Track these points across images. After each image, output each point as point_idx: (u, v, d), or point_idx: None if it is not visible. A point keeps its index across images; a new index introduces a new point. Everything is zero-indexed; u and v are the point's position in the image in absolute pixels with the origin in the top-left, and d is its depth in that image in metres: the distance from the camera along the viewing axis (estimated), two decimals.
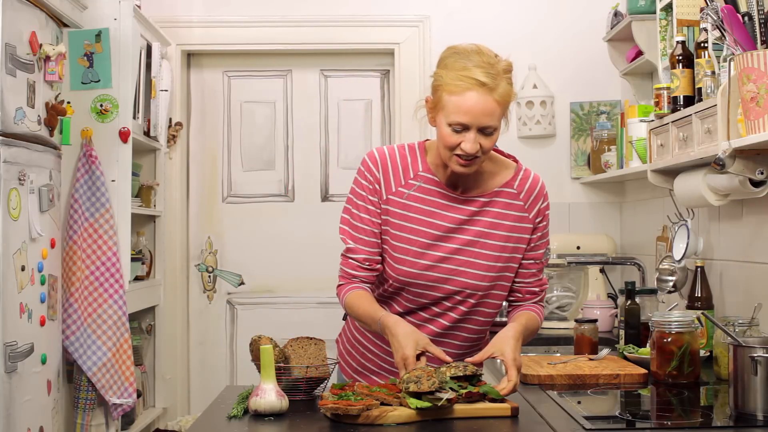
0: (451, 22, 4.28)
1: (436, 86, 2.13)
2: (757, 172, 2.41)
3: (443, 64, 2.13)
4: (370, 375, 2.34)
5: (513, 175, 2.28)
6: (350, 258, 2.23)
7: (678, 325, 2.40)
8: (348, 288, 2.22)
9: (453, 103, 2.07)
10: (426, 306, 2.25)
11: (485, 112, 2.07)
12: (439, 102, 2.10)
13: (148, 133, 3.83)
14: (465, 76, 2.06)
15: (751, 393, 1.95)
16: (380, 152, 2.26)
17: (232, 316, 4.42)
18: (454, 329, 2.27)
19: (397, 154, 2.25)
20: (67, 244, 3.27)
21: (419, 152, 2.26)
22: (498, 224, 2.22)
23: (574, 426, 1.90)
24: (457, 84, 2.06)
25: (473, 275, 2.20)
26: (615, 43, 3.77)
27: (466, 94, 2.06)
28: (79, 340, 3.24)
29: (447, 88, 2.08)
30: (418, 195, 2.22)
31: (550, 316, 3.97)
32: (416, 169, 2.24)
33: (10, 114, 2.70)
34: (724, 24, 2.33)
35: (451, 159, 2.13)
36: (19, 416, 2.70)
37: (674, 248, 2.95)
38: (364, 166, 2.26)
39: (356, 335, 2.37)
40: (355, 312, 2.19)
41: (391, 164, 2.24)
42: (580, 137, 4.26)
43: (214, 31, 4.29)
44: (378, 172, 2.24)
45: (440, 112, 2.10)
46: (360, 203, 2.25)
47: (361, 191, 2.25)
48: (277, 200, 4.43)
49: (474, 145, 2.08)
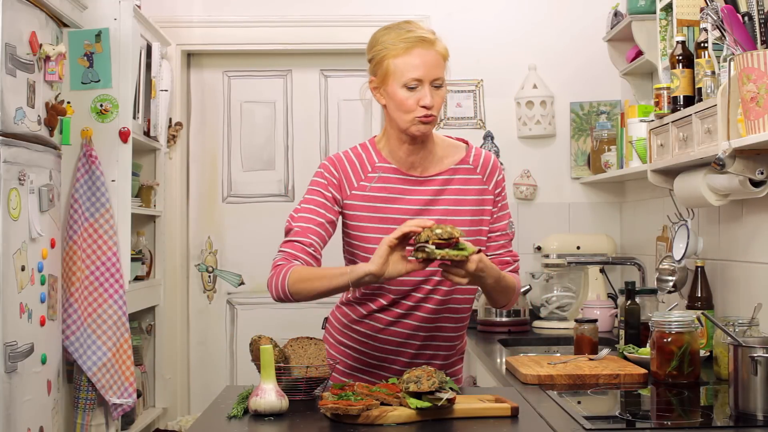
0: (451, 22, 4.28)
1: (379, 60, 2.23)
2: (757, 172, 2.41)
3: (379, 40, 2.24)
4: (360, 375, 2.35)
5: (466, 152, 2.36)
6: (295, 241, 2.21)
7: (678, 325, 2.40)
8: (290, 265, 2.17)
9: (403, 62, 2.19)
10: (402, 297, 2.27)
11: (434, 64, 2.19)
12: (387, 71, 2.21)
13: (148, 133, 3.83)
14: (407, 38, 2.20)
15: (751, 393, 1.95)
16: (336, 156, 2.33)
17: (232, 316, 4.42)
18: (431, 321, 2.30)
19: (351, 154, 2.33)
20: (67, 244, 3.27)
21: (371, 147, 2.34)
22: (462, 200, 2.29)
23: (574, 426, 1.90)
24: (401, 46, 2.19)
25: None
26: (615, 43, 3.77)
27: (413, 50, 2.19)
28: (79, 340, 3.25)
29: (392, 52, 2.20)
30: (380, 185, 2.28)
31: (550, 316, 3.97)
32: (372, 162, 2.31)
33: (10, 114, 2.70)
34: (724, 24, 2.33)
35: (411, 123, 2.21)
36: (19, 416, 2.70)
37: (674, 248, 2.95)
38: (322, 168, 2.31)
39: (339, 338, 2.39)
40: (312, 278, 2.13)
41: (348, 163, 2.30)
42: (580, 137, 4.26)
43: (214, 31, 4.29)
44: (337, 173, 2.29)
45: (390, 79, 2.21)
46: (313, 197, 2.27)
47: (316, 187, 2.29)
48: (277, 200, 4.43)
49: (431, 98, 2.19)
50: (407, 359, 2.32)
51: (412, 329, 2.30)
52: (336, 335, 2.41)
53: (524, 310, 3.86)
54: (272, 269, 2.20)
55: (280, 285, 2.16)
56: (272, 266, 2.21)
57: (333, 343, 2.41)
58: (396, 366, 2.33)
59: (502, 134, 4.27)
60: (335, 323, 2.42)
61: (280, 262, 2.20)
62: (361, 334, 2.34)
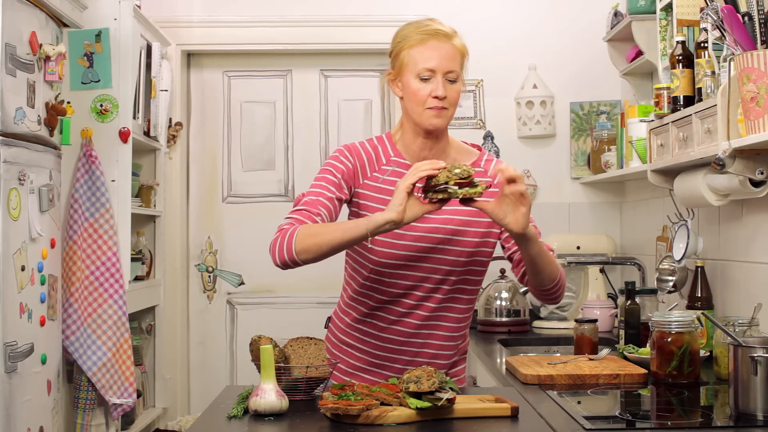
0: (451, 22, 4.21)
1: (397, 51, 2.27)
2: (757, 172, 2.41)
3: (399, 34, 2.29)
4: (362, 374, 2.36)
5: (479, 157, 2.37)
6: (303, 210, 2.17)
7: (678, 325, 2.40)
8: (297, 226, 2.11)
9: (417, 52, 2.22)
10: (404, 294, 2.27)
11: (448, 56, 2.22)
12: (403, 62, 2.24)
13: (148, 133, 3.83)
14: (424, 31, 2.24)
15: (751, 393, 1.95)
16: (352, 144, 2.33)
17: (232, 316, 4.42)
18: (433, 320, 2.30)
19: (367, 145, 2.33)
20: (67, 244, 3.27)
21: (387, 141, 2.34)
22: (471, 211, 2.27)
23: (574, 426, 1.90)
24: (417, 37, 2.23)
25: (452, 251, 2.26)
26: (615, 43, 3.77)
27: (429, 42, 2.22)
28: (79, 340, 3.25)
29: (408, 43, 2.24)
30: (393, 179, 2.27)
31: (550, 316, 3.97)
32: (387, 155, 2.31)
33: (10, 114, 2.70)
34: (724, 24, 2.33)
35: (423, 114, 2.22)
36: (19, 416, 2.70)
37: (674, 248, 2.95)
38: (338, 152, 2.31)
39: (341, 337, 2.39)
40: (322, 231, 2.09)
41: (364, 153, 2.31)
42: (580, 137, 4.26)
43: (214, 31, 4.29)
44: (353, 159, 2.29)
45: (405, 70, 2.24)
46: (325, 176, 2.25)
47: (330, 167, 2.27)
48: (277, 200, 4.43)
49: (443, 89, 2.20)
50: (409, 357, 2.33)
51: (414, 328, 2.30)
52: (339, 335, 2.41)
53: (524, 310, 3.86)
54: (276, 232, 2.13)
55: (285, 244, 2.09)
56: (276, 230, 2.14)
57: (336, 343, 2.41)
58: (398, 365, 2.34)
59: (502, 134, 4.27)
60: (338, 322, 2.42)
61: (285, 226, 2.14)
62: (364, 333, 2.34)
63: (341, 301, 2.43)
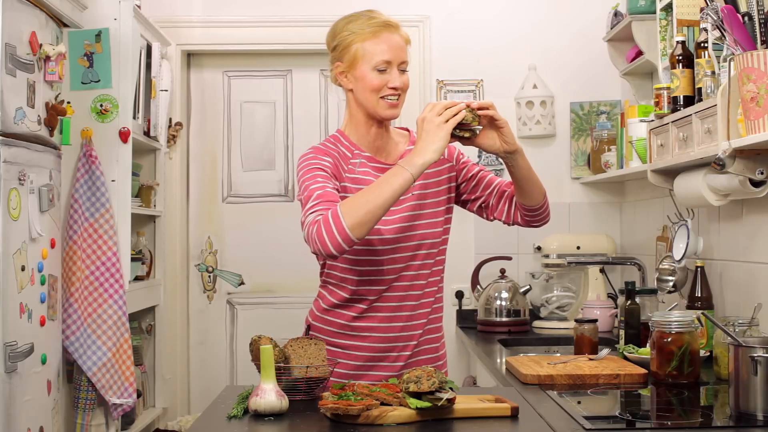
0: (451, 22, 4.28)
1: (346, 45, 2.29)
2: (757, 172, 2.41)
3: (345, 28, 2.31)
4: (357, 373, 2.35)
5: (410, 139, 2.45)
6: (323, 200, 2.14)
7: (678, 325, 2.40)
8: (330, 209, 2.09)
9: (372, 46, 2.27)
10: (395, 277, 2.32)
11: (400, 47, 2.30)
12: (356, 55, 2.28)
13: (148, 133, 3.83)
14: (373, 24, 2.28)
15: (751, 393, 1.95)
16: (316, 147, 2.35)
17: (232, 316, 4.42)
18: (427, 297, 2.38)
19: (329, 145, 2.37)
20: (67, 244, 3.27)
21: (342, 137, 2.38)
22: (428, 173, 2.35)
23: (574, 426, 1.91)
24: (368, 30, 2.28)
25: (428, 224, 2.34)
26: (615, 43, 3.77)
27: (381, 35, 2.28)
28: (79, 340, 3.25)
29: (360, 37, 2.28)
30: (364, 170, 2.33)
31: (550, 316, 3.97)
32: (350, 149, 2.36)
33: (10, 114, 2.70)
34: (724, 24, 2.33)
35: (379, 104, 2.29)
36: (19, 416, 2.70)
37: (674, 248, 2.95)
38: (312, 153, 2.30)
39: (334, 340, 2.38)
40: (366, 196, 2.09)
41: (332, 151, 2.34)
42: (580, 137, 4.26)
43: (214, 31, 4.29)
44: (329, 158, 2.31)
45: (359, 63, 2.28)
46: (317, 172, 2.24)
47: (315, 164, 2.26)
48: (277, 200, 4.43)
49: (399, 80, 2.28)
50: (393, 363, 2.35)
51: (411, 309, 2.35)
52: (331, 340, 2.38)
53: (524, 310, 3.86)
54: (311, 225, 2.08)
55: (335, 228, 2.04)
56: (309, 225, 2.09)
57: (330, 349, 2.40)
58: (386, 363, 2.35)
59: None
60: (328, 328, 2.40)
61: (317, 217, 2.08)
62: (365, 330, 2.34)
63: (317, 310, 2.42)
